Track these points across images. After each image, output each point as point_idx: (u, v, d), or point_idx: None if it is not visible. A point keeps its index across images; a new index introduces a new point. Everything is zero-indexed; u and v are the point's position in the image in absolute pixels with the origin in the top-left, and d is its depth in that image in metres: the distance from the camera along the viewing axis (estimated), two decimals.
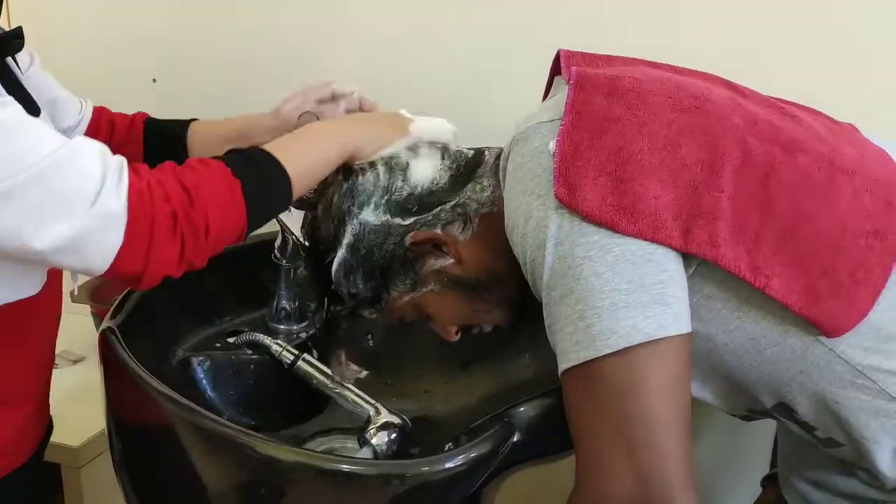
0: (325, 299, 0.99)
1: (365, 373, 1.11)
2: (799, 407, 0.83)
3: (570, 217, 0.76)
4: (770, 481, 1.14)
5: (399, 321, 0.98)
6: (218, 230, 0.75)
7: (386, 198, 0.90)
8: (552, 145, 0.77)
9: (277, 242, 1.06)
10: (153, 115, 1.08)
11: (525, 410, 0.90)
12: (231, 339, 1.08)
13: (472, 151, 0.95)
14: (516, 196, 0.80)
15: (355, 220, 0.90)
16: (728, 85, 0.87)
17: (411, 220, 0.90)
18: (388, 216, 0.90)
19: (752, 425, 1.25)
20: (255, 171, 0.79)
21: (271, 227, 1.03)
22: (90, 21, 1.49)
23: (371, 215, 0.90)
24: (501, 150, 0.92)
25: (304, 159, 0.84)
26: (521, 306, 0.97)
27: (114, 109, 1.07)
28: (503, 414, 0.90)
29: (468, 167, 0.93)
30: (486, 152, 0.94)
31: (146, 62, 1.46)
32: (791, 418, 0.85)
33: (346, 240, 0.91)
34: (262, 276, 1.11)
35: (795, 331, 0.79)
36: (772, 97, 0.89)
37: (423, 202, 0.90)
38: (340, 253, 0.91)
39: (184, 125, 1.07)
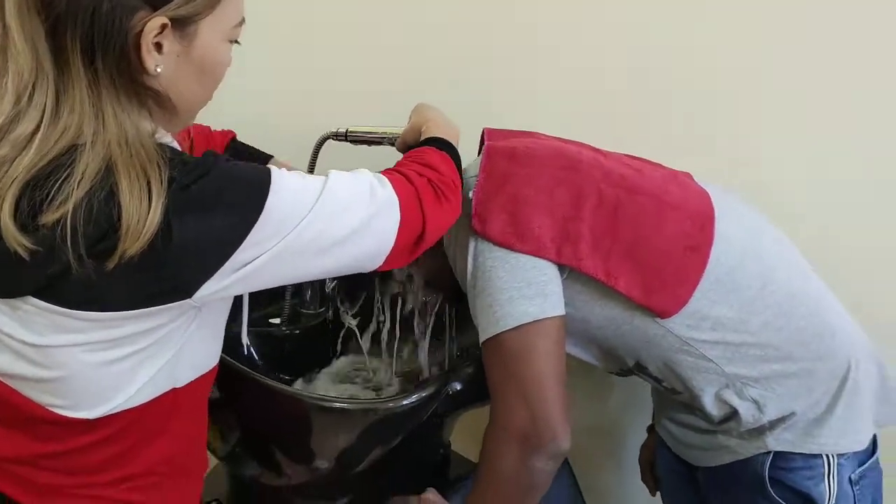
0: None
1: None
2: (649, 366, 1.03)
3: (482, 240, 0.95)
4: (652, 428, 1.32)
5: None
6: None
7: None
8: (471, 194, 0.99)
9: None
10: None
11: (463, 368, 1.08)
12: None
13: None
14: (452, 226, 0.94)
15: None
16: (594, 149, 1.06)
17: None
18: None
19: (643, 389, 1.36)
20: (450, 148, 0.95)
21: None
22: None
23: None
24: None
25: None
26: (437, 284, 1.20)
27: None
28: (448, 370, 1.10)
29: None
30: None
31: None
32: (646, 374, 1.06)
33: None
34: None
35: (639, 314, 0.98)
36: (625, 156, 1.08)
37: None
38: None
39: (265, 158, 1.12)
